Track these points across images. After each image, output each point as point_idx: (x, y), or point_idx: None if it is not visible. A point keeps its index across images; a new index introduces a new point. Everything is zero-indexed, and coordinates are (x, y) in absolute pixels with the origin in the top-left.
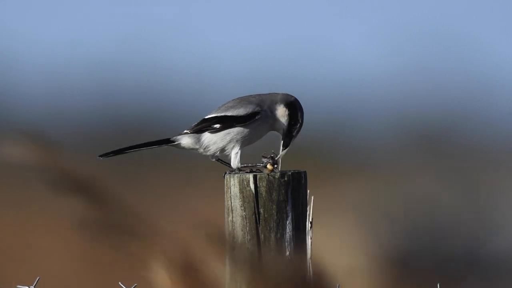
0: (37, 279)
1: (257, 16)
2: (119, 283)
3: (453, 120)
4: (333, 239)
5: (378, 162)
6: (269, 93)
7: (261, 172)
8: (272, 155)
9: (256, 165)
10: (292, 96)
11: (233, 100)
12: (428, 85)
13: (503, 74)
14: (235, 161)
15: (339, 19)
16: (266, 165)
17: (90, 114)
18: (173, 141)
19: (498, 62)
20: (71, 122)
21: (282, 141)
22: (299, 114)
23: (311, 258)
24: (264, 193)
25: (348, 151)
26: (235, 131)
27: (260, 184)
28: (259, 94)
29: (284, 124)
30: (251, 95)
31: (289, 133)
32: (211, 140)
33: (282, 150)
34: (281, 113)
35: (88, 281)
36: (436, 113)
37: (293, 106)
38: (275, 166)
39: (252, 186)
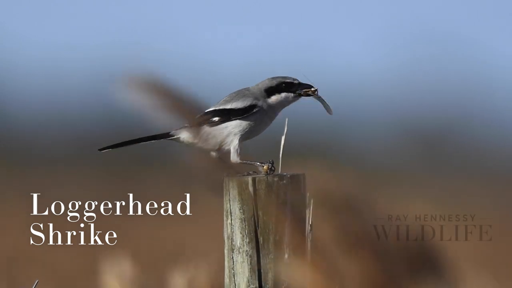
0: (36, 282)
1: (256, 17)
2: None
3: (452, 121)
4: None
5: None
6: (256, 85)
7: (257, 173)
8: (272, 160)
9: (255, 163)
10: (273, 79)
11: (230, 94)
12: (426, 86)
13: (503, 74)
14: (234, 156)
15: (337, 20)
16: (264, 165)
17: (87, 116)
18: (173, 135)
19: (498, 62)
20: (69, 124)
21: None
22: (283, 84)
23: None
24: (263, 196)
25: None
26: (233, 124)
27: (259, 186)
28: (248, 88)
29: (285, 100)
30: (245, 88)
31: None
32: (210, 134)
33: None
34: (274, 98)
35: None
36: (436, 114)
37: (271, 86)
38: (273, 169)
39: (251, 188)
